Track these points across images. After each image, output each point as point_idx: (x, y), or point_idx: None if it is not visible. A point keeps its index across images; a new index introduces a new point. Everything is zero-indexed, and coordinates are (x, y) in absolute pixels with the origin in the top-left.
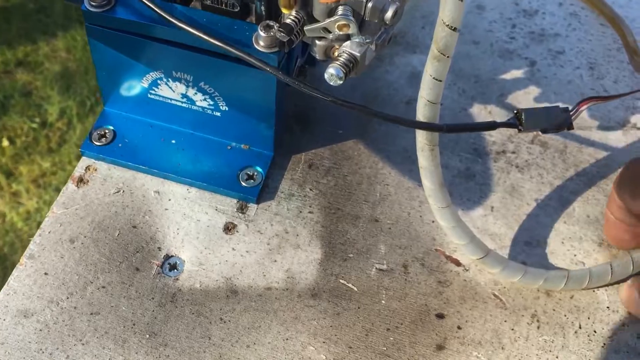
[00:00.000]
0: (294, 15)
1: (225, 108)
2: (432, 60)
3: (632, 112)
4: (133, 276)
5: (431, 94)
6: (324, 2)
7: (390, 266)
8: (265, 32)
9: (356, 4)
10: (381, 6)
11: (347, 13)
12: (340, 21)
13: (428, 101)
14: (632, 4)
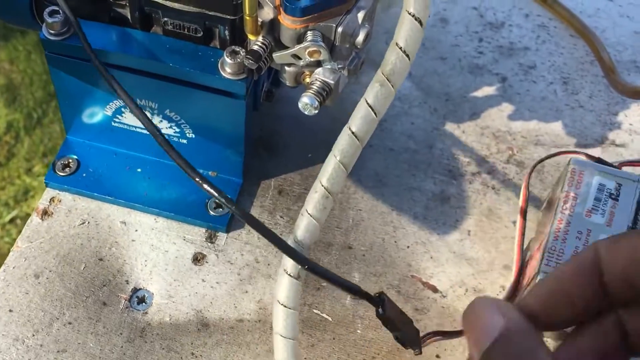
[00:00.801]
0: (261, 41)
1: (192, 135)
2: (374, 84)
3: (609, 129)
4: (100, 311)
5: (362, 126)
6: (291, 27)
7: None
8: (231, 58)
9: (326, 28)
10: (351, 31)
11: (317, 39)
12: (311, 47)
13: (352, 132)
14: (601, 13)
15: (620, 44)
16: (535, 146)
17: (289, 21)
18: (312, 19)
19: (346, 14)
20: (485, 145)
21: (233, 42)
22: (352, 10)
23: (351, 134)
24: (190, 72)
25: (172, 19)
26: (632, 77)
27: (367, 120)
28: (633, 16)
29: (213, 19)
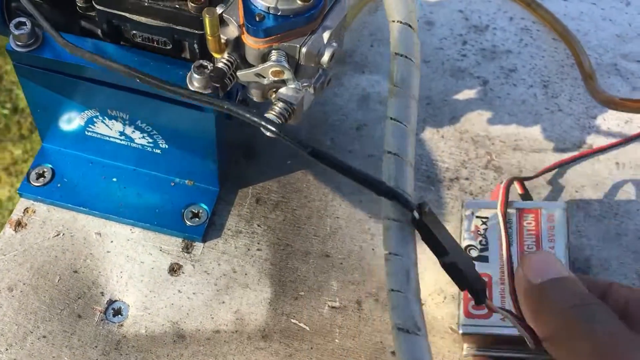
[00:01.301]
0: (227, 58)
1: (165, 145)
2: (390, 97)
3: (587, 132)
4: (75, 324)
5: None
6: (255, 47)
7: (343, 303)
8: (199, 73)
9: (290, 48)
10: (316, 50)
11: (280, 59)
12: (274, 67)
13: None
14: (584, 16)
15: (601, 46)
16: (513, 151)
17: (252, 41)
18: (275, 39)
19: (311, 34)
20: (464, 151)
21: (203, 55)
22: (317, 30)
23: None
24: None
25: (140, 31)
26: (612, 80)
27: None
28: (615, 19)
29: (181, 33)
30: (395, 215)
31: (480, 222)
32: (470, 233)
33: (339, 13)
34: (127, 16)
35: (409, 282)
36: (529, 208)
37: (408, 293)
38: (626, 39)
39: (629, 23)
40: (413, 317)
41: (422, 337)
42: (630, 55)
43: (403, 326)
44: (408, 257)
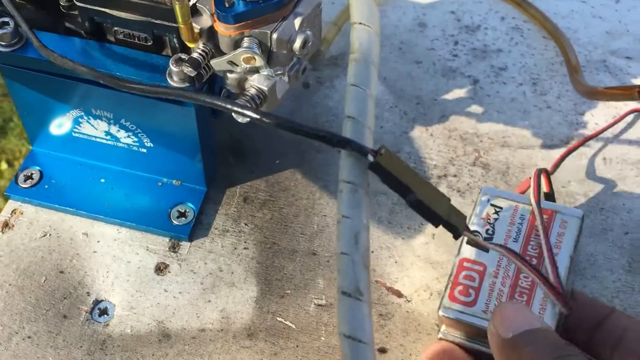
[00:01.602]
0: (201, 48)
1: (150, 144)
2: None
3: (575, 129)
4: (60, 324)
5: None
6: (226, 34)
7: (330, 301)
8: (176, 66)
9: (261, 35)
10: (287, 37)
11: (252, 45)
12: (245, 54)
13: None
14: (574, 14)
15: (591, 43)
16: (501, 148)
17: (223, 28)
18: (246, 25)
19: (283, 20)
20: (452, 148)
21: (183, 49)
22: (289, 17)
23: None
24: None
25: (121, 28)
26: (601, 76)
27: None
28: (605, 16)
29: (160, 28)
30: (348, 177)
31: (493, 210)
32: (480, 219)
33: (312, 0)
34: (107, 12)
35: (357, 245)
36: (546, 208)
37: (354, 256)
38: (615, 35)
39: (619, 20)
40: (357, 282)
41: (364, 303)
42: (619, 52)
43: (347, 290)
44: (358, 220)
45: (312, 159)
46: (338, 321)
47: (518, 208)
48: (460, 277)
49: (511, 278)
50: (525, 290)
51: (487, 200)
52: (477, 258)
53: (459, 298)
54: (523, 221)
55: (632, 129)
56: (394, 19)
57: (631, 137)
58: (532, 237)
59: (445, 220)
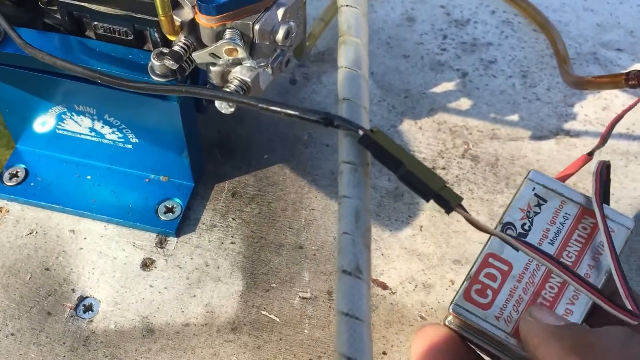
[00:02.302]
0: (183, 41)
1: (136, 140)
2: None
3: (565, 120)
4: (44, 321)
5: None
6: (208, 26)
7: (314, 294)
8: (158, 60)
9: (243, 26)
10: (270, 28)
11: (233, 37)
12: (227, 45)
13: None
14: (566, 7)
15: (582, 36)
16: (490, 140)
17: (205, 20)
18: (227, 16)
19: (265, 11)
20: (442, 141)
21: (164, 44)
22: (271, 8)
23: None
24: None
25: (101, 22)
26: (591, 68)
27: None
28: (596, 9)
29: (141, 22)
30: (347, 157)
31: (536, 202)
32: (519, 210)
33: None
34: (87, 6)
35: (358, 224)
36: (592, 210)
37: (355, 235)
38: (606, 28)
39: (610, 12)
40: (357, 260)
41: (363, 282)
42: (610, 44)
43: (346, 268)
44: (359, 199)
45: (301, 153)
46: (336, 299)
47: (564, 205)
48: (481, 274)
49: (535, 285)
50: (546, 302)
51: (532, 189)
52: (505, 256)
53: (474, 298)
54: (566, 221)
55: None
56: (382, 14)
57: (621, 128)
58: (571, 242)
59: (437, 192)
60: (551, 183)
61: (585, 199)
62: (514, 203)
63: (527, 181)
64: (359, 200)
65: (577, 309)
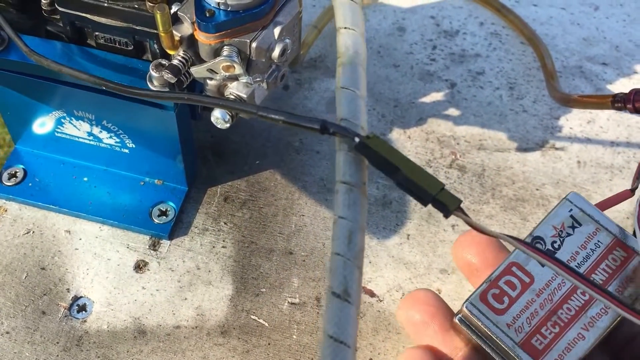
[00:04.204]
0: (182, 55)
1: (132, 145)
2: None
3: (550, 132)
4: (39, 320)
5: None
6: (206, 43)
7: (303, 299)
8: (157, 71)
9: (241, 44)
10: (266, 46)
11: (231, 54)
12: (224, 62)
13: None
14: (553, 21)
15: (568, 49)
16: (478, 150)
17: (204, 37)
18: (226, 34)
19: (262, 30)
20: (430, 150)
21: (163, 55)
22: (268, 26)
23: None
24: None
25: (102, 33)
26: (577, 82)
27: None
28: (583, 23)
29: (141, 34)
30: (345, 177)
31: (571, 223)
32: (552, 227)
33: (291, 10)
34: (89, 17)
35: (350, 246)
36: (627, 244)
37: (347, 257)
38: (593, 42)
39: (597, 27)
40: (346, 283)
41: (351, 305)
42: (596, 58)
43: (336, 290)
44: (353, 221)
45: (292, 160)
46: (324, 321)
47: (598, 232)
48: (501, 280)
49: (553, 303)
50: (560, 322)
51: (569, 210)
52: (529, 268)
53: (489, 301)
54: (597, 249)
55: (607, 134)
56: (374, 23)
57: (605, 141)
58: (598, 270)
59: (435, 197)
60: (589, 208)
61: (620, 231)
62: (547, 219)
63: (565, 201)
64: (354, 221)
65: (590, 335)
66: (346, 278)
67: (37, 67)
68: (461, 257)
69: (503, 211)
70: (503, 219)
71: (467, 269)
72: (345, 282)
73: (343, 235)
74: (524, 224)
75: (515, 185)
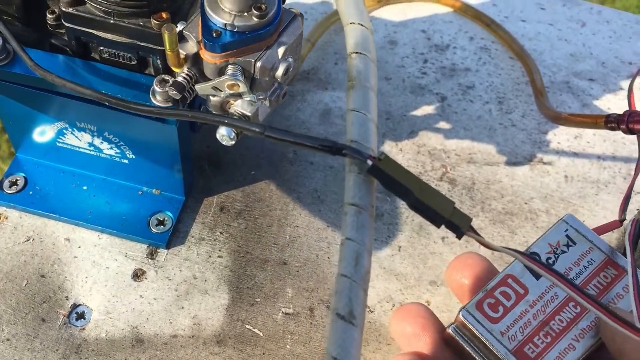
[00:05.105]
0: (186, 72)
1: (132, 156)
2: (348, 91)
3: (538, 147)
4: (38, 327)
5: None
6: (212, 62)
7: (297, 310)
8: (160, 87)
9: (245, 63)
10: (270, 65)
11: (235, 73)
12: (229, 81)
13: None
14: (541, 37)
15: (555, 65)
16: (467, 164)
17: (209, 56)
18: (231, 54)
19: (267, 49)
20: (421, 163)
21: (166, 70)
22: (273, 46)
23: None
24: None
25: (107, 47)
26: (564, 97)
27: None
28: (570, 39)
29: (145, 50)
30: (354, 200)
31: (566, 242)
32: (547, 244)
33: (295, 30)
34: (95, 33)
35: (357, 268)
36: (618, 263)
37: (353, 278)
38: (579, 58)
39: (583, 43)
40: (352, 305)
41: (355, 328)
42: (582, 74)
43: (340, 312)
44: (361, 243)
45: (286, 171)
46: (327, 341)
47: (591, 251)
48: (497, 290)
49: (546, 314)
50: (552, 333)
51: (564, 230)
52: (524, 280)
53: (485, 310)
54: (589, 266)
55: (593, 149)
56: None
57: (592, 156)
58: (589, 286)
59: (448, 219)
60: (583, 229)
61: (612, 250)
62: (544, 237)
63: (561, 222)
64: (361, 244)
65: (580, 346)
66: (352, 300)
67: (41, 80)
68: (454, 279)
69: (492, 224)
70: (492, 232)
71: (460, 290)
72: (350, 304)
73: (350, 257)
74: (512, 237)
75: (504, 198)
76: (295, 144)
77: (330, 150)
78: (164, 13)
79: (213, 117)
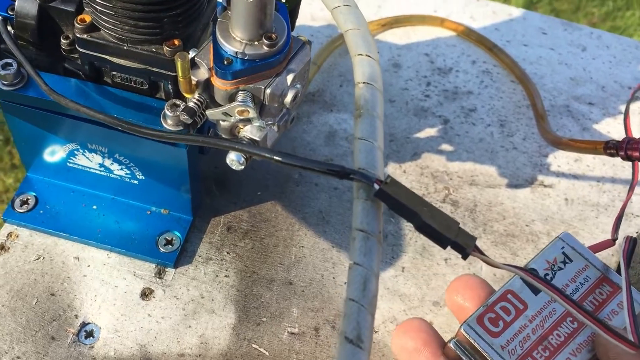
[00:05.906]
0: (197, 98)
1: (142, 177)
2: (355, 119)
3: (539, 170)
4: (48, 345)
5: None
6: (223, 89)
7: (302, 329)
8: (171, 111)
9: (255, 90)
10: (280, 92)
11: (245, 99)
12: (239, 107)
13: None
14: (542, 61)
15: (556, 89)
16: (470, 186)
17: (220, 83)
18: (242, 81)
19: (276, 77)
20: (424, 185)
21: (177, 94)
22: (282, 73)
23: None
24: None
25: (119, 72)
26: (564, 120)
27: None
28: (570, 63)
29: (157, 75)
30: (362, 225)
31: (563, 259)
32: (545, 261)
33: (303, 58)
34: (108, 59)
35: (365, 293)
36: (613, 281)
37: (361, 303)
38: (580, 82)
39: (584, 67)
40: (360, 328)
41: (363, 352)
42: (582, 98)
43: (349, 335)
44: (369, 268)
45: (292, 191)
46: None
47: (587, 269)
48: (497, 305)
49: (544, 329)
50: (550, 347)
51: (561, 247)
52: (523, 296)
53: (486, 324)
54: (585, 283)
55: (593, 172)
56: None
57: (592, 179)
58: (586, 302)
59: (453, 240)
60: (580, 247)
61: (606, 268)
62: (542, 254)
63: (558, 240)
64: (369, 269)
65: None
66: (359, 324)
67: (55, 103)
68: (454, 301)
69: (494, 246)
70: (494, 254)
71: (460, 311)
72: (358, 328)
73: (358, 281)
74: (513, 259)
75: (505, 220)
76: (304, 168)
77: (338, 175)
78: (176, 40)
79: (223, 143)
